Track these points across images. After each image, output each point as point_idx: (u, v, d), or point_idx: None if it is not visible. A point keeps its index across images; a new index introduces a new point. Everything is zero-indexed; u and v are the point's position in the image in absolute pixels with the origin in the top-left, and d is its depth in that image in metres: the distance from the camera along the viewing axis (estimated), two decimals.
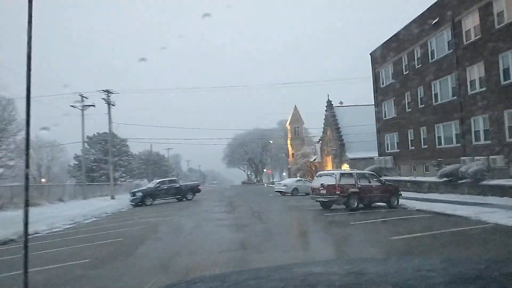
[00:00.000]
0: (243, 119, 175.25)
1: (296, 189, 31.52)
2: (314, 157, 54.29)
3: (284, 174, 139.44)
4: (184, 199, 31.90)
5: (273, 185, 65.03)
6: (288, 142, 74.28)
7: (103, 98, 38.93)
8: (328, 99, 48.36)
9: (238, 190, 51.37)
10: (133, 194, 30.60)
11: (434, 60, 26.64)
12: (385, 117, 34.49)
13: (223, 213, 18.63)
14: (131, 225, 16.51)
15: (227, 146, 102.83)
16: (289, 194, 31.27)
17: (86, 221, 20.24)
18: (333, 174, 17.20)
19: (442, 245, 9.14)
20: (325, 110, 49.34)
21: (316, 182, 17.73)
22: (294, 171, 60.20)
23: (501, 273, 1.51)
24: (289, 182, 32.44)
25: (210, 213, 18.88)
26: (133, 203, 30.07)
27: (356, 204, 16.55)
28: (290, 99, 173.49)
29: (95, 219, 21.58)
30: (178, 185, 32.19)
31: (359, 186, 16.94)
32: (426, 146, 27.86)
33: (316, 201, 17.79)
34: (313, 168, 54.92)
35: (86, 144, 63.09)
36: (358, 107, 46.03)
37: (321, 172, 17.97)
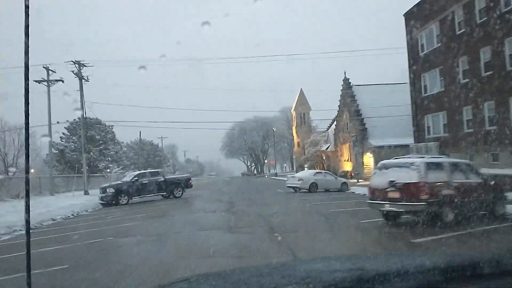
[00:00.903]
0: (243, 106, 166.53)
1: (314, 184, 24.39)
2: (326, 146, 47.17)
3: (285, 165, 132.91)
4: (172, 197, 24.85)
5: (277, 178, 58.32)
6: (293, 129, 67.00)
7: (72, 71, 31.64)
8: (345, 77, 41.08)
9: (239, 184, 44.49)
10: (103, 190, 23.45)
11: (509, 8, 19.38)
12: (426, 92, 27.27)
13: (219, 230, 10.88)
14: (72, 242, 9.37)
15: (226, 136, 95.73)
16: (306, 191, 24.18)
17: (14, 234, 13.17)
18: (412, 164, 9.86)
19: None
20: (341, 90, 42.09)
21: (379, 178, 10.28)
22: (302, 161, 53.13)
23: (501, 270, 1.51)
24: (306, 175, 25.20)
25: (197, 232, 11.01)
26: (103, 202, 22.98)
27: (452, 217, 9.39)
28: (295, 82, 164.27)
29: (35, 226, 14.60)
30: (162, 179, 25.03)
31: (455, 184, 9.78)
32: (494, 128, 20.70)
33: (380, 210, 10.48)
34: (324, 159, 47.82)
35: (66, 130, 55.99)
36: (379, 86, 38.77)
37: (387, 161, 10.40)
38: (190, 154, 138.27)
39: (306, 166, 49.23)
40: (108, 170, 58.57)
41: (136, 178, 24.17)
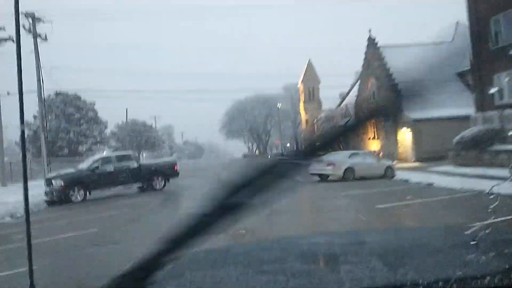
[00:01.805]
0: (244, 83, 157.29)
1: (351, 170, 17.23)
2: (345, 121, 39.81)
3: (288, 145, 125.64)
4: (151, 188, 17.87)
5: (284, 158, 50.24)
6: (301, 105, 59.21)
7: (23, 26, 24.07)
8: (371, 36, 33.47)
9: (241, 168, 37.41)
10: (48, 182, 16.36)
11: None
12: (497, 44, 19.87)
13: None
14: None
15: (226, 115, 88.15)
16: (339, 179, 17.06)
17: None
18: None
19: None
20: (365, 53, 34.53)
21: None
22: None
23: (498, 239, 1.50)
24: (339, 158, 17.65)
25: None
26: (49, 200, 15.98)
27: None
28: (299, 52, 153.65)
29: None
30: (136, 165, 17.91)
31: None
32: None
33: None
34: (341, 138, 40.49)
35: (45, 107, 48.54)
36: (413, 47, 31.23)
37: None
38: (188, 135, 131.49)
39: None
40: (91, 152, 51.48)
41: (97, 164, 17.03)
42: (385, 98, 30.46)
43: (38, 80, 24.65)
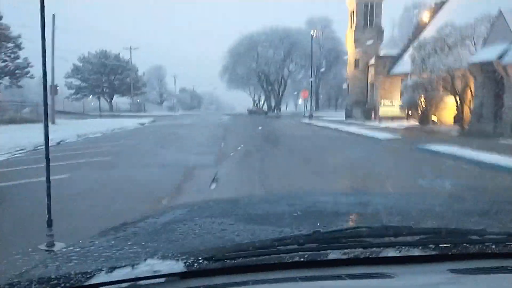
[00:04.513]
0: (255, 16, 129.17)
1: None
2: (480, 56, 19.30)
3: (300, 102, 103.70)
4: None
5: (313, 122, 31.66)
6: (350, 35, 36.27)
7: None
8: None
9: (246, 135, 18.63)
10: None
11: None
12: None
13: None
14: None
15: (228, 54, 66.59)
16: None
17: None
18: None
19: None
20: None
21: None
22: (382, 94, 25.78)
23: (501, 209, 1.58)
24: None
25: None
26: None
27: None
28: None
29: None
30: None
31: None
32: None
33: None
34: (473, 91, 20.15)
35: None
36: None
37: None
38: (185, 82, 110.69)
39: (409, 109, 22.09)
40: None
41: None
42: None
43: None
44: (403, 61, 29.98)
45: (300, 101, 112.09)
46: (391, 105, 27.10)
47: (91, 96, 64.26)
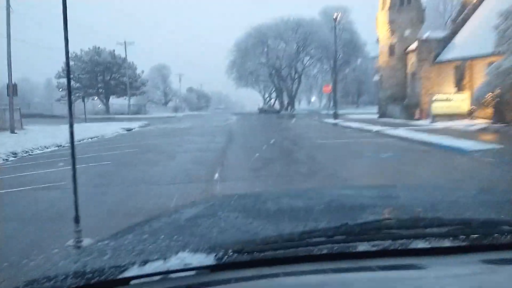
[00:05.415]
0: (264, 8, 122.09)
1: None
2: None
3: (313, 99, 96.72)
4: None
5: (339, 122, 25.15)
6: (383, 17, 28.60)
7: None
8: None
9: (259, 144, 12.07)
10: None
11: None
12: None
13: None
14: None
15: (235, 48, 60.33)
16: None
17: None
18: None
19: None
20: None
21: None
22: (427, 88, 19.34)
23: None
24: None
25: None
26: None
27: None
28: None
29: None
30: None
31: None
32: None
33: None
34: None
35: None
36: None
37: None
38: (192, 82, 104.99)
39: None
40: None
41: None
42: None
43: None
44: (453, 45, 23.47)
45: (313, 98, 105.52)
46: (445, 100, 20.70)
47: (85, 98, 58.69)
